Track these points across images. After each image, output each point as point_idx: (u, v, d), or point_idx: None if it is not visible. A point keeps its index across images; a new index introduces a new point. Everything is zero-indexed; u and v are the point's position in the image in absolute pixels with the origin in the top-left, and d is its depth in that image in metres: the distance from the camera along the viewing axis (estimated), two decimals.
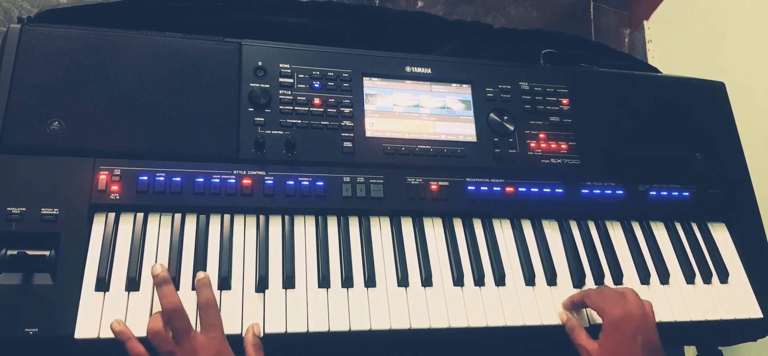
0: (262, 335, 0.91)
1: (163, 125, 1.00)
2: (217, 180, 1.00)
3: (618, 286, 1.01)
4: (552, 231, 1.13)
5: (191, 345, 0.85)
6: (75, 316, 0.86)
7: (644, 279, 1.11)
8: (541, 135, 1.18)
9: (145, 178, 0.97)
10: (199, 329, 0.88)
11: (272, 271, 0.96)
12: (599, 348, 0.95)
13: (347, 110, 1.10)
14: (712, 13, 2.04)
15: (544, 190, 1.13)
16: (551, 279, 1.06)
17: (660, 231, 1.19)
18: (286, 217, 1.01)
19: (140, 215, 0.96)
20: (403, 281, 1.00)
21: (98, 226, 0.94)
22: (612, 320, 0.95)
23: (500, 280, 1.04)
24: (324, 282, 0.97)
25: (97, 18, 1.14)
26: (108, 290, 0.90)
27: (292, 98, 1.08)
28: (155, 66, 1.03)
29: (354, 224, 1.04)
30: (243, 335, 0.90)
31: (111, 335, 0.86)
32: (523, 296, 1.04)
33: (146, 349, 0.85)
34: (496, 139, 1.15)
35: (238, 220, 1.00)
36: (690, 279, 1.13)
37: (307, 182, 1.03)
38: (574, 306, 1.03)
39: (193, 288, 0.92)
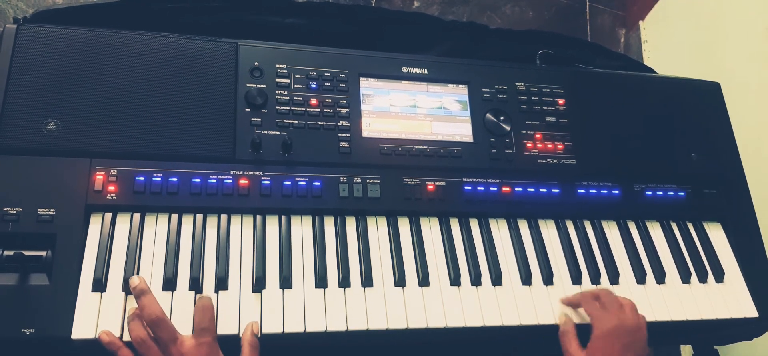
0: (259, 335, 0.90)
1: (159, 126, 1.00)
2: (214, 180, 1.00)
3: (619, 296, 1.01)
4: (548, 231, 1.13)
5: (178, 352, 0.84)
6: (72, 317, 0.86)
7: (640, 278, 1.11)
8: (538, 135, 1.18)
9: (142, 178, 0.97)
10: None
11: (269, 271, 0.96)
12: None
13: (344, 111, 1.10)
14: (707, 13, 2.05)
15: (541, 190, 1.14)
16: (548, 279, 1.07)
17: (656, 231, 1.19)
18: (283, 217, 1.01)
19: (137, 216, 0.96)
20: (400, 281, 1.00)
21: (95, 226, 0.94)
22: (602, 331, 0.95)
23: (497, 280, 1.04)
24: (321, 282, 0.97)
25: (93, 18, 1.13)
26: (105, 290, 0.90)
27: (288, 99, 1.08)
28: (152, 66, 1.03)
29: (351, 225, 1.04)
30: (240, 334, 0.90)
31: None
32: (519, 295, 1.04)
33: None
34: (492, 139, 1.15)
35: (235, 220, 1.00)
36: (686, 278, 1.14)
37: (304, 183, 1.03)
38: (571, 305, 1.03)
39: (191, 289, 0.92)
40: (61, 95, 0.98)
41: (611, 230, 1.17)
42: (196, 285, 0.92)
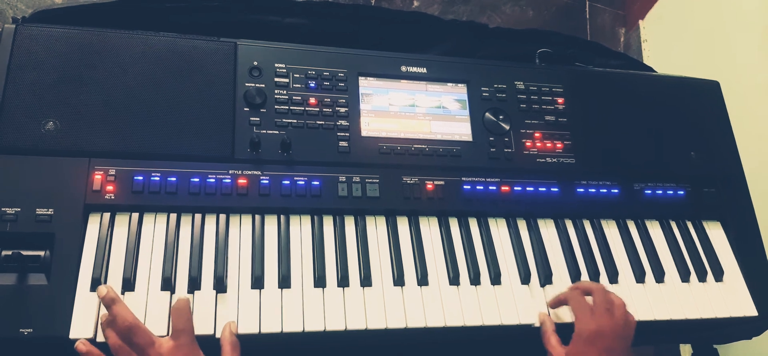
0: (237, 332, 0.89)
1: (158, 125, 1.00)
2: (213, 180, 1.00)
3: (611, 294, 0.99)
4: (547, 230, 1.13)
5: (157, 354, 0.83)
6: (70, 316, 0.86)
7: (639, 277, 1.11)
8: (537, 134, 1.18)
9: (141, 178, 0.97)
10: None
11: (268, 271, 0.96)
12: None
13: (343, 110, 1.10)
14: (707, 12, 2.05)
15: (540, 189, 1.14)
16: (547, 278, 1.06)
17: (655, 230, 1.19)
18: (282, 217, 1.01)
19: (135, 216, 0.96)
20: (399, 280, 1.00)
21: (93, 226, 0.94)
22: (582, 331, 0.94)
23: (496, 279, 1.04)
24: (320, 281, 0.97)
25: (91, 18, 1.13)
26: None
27: (287, 98, 1.08)
28: (150, 66, 1.03)
29: (350, 224, 1.04)
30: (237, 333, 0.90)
31: None
32: (518, 295, 1.04)
33: None
34: (491, 138, 1.15)
35: (234, 220, 1.00)
36: (685, 277, 1.13)
37: (302, 182, 1.03)
38: (558, 303, 1.02)
39: (189, 289, 0.92)
40: (59, 95, 0.98)
41: (610, 230, 1.16)
42: (194, 284, 0.92)
